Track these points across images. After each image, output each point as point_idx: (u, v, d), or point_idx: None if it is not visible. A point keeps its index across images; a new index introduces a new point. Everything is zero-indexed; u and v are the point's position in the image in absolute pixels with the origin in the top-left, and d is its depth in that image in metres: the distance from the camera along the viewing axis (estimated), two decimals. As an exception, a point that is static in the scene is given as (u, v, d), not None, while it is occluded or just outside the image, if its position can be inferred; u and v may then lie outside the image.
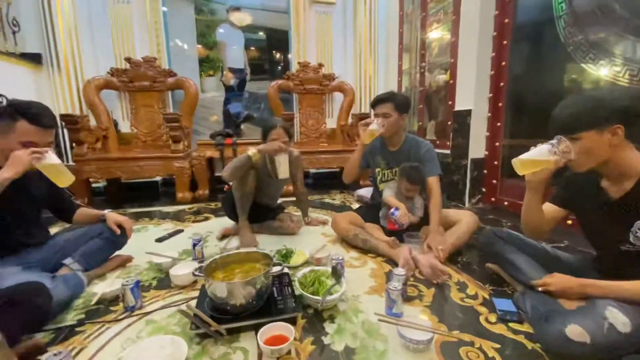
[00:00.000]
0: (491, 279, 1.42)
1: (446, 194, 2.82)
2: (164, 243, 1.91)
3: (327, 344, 1.00)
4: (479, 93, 2.49)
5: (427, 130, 3.36)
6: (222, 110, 3.69)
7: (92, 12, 3.20)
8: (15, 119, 1.15)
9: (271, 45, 3.76)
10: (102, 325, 1.11)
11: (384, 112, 1.75)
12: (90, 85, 3.04)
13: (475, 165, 2.60)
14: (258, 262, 1.22)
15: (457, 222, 1.75)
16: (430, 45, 3.17)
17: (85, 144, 2.76)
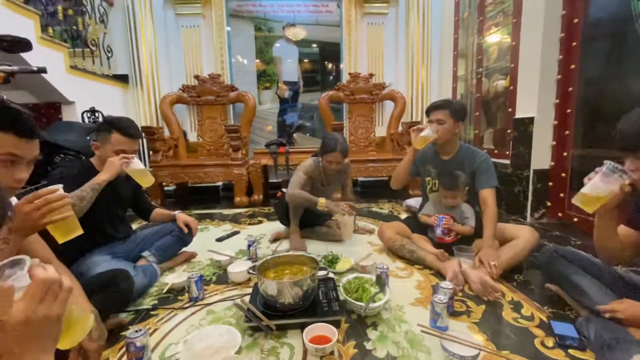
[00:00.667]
0: (551, 300, 1.31)
1: (504, 207, 2.65)
2: (223, 242, 2.10)
3: (369, 349, 1.03)
4: (544, 99, 2.31)
5: (484, 139, 3.19)
6: (276, 120, 3.92)
7: (168, 36, 3.66)
8: (110, 132, 1.41)
9: (323, 57, 3.91)
10: (171, 311, 1.27)
11: (438, 119, 1.71)
12: (165, 100, 3.47)
13: (539, 177, 2.40)
14: (305, 265, 1.30)
15: (514, 237, 1.63)
16: (488, 50, 3.02)
17: (160, 152, 3.15)
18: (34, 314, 0.41)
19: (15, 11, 2.27)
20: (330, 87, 3.80)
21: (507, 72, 2.72)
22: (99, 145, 1.43)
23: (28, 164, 0.79)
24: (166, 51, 3.67)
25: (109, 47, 3.45)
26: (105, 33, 3.43)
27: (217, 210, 3.05)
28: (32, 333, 0.41)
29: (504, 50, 2.80)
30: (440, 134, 1.71)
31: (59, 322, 0.44)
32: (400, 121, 3.66)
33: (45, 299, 0.42)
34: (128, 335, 0.94)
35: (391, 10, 3.77)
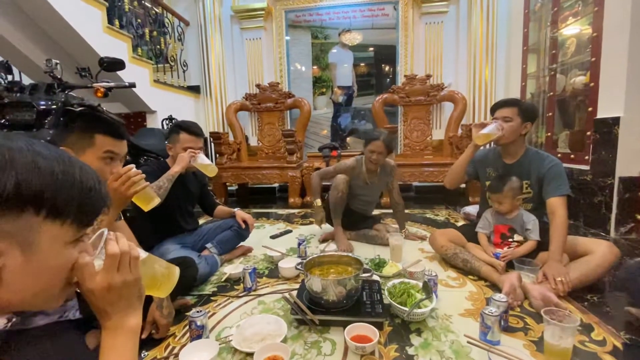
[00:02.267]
0: (630, 326, 1.15)
1: (582, 219, 2.35)
2: (276, 240, 2.23)
3: (411, 355, 1.02)
4: (632, 97, 2.01)
5: (558, 142, 2.86)
6: (330, 125, 4.00)
7: (234, 49, 4.00)
8: (179, 133, 1.64)
9: (378, 60, 3.89)
10: (228, 299, 1.41)
11: (504, 116, 1.59)
12: (230, 108, 3.79)
13: (626, 186, 2.08)
14: (350, 266, 1.33)
15: (588, 252, 1.45)
16: (564, 44, 2.71)
17: (225, 155, 3.45)
18: (113, 280, 0.51)
19: (112, 36, 2.71)
20: (384, 90, 3.77)
21: (587, 67, 2.41)
22: (171, 146, 1.66)
23: (121, 161, 1.02)
24: (232, 63, 4.01)
25: (184, 62, 3.90)
26: (182, 49, 3.89)
27: (272, 209, 3.23)
28: (117, 295, 0.52)
29: (583, 43, 2.50)
30: (505, 132, 1.57)
31: (137, 284, 0.54)
32: (460, 123, 3.46)
33: (120, 267, 0.51)
34: (191, 314, 1.07)
35: (451, 7, 3.61)
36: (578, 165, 2.44)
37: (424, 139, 3.66)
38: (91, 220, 0.49)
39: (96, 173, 0.51)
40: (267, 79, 3.89)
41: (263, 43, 3.90)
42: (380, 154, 1.92)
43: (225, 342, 1.09)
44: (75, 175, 0.46)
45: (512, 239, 1.62)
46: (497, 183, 1.61)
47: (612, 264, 1.38)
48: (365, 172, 2.03)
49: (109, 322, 0.52)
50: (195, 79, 4.02)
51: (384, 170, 2.09)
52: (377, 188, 2.14)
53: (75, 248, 0.48)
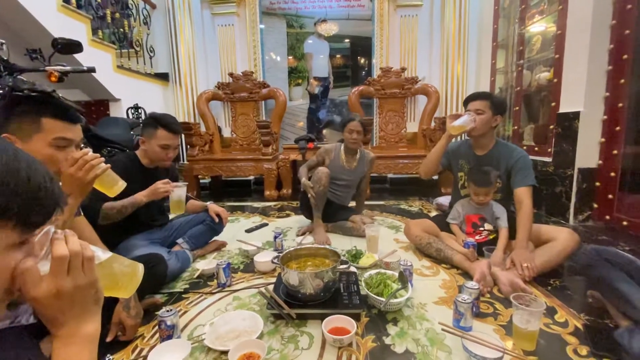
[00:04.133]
0: (589, 307, 1.23)
1: (545, 208, 2.48)
2: (252, 234, 2.18)
3: (388, 344, 1.03)
4: (592, 92, 2.13)
5: (524, 135, 3.00)
6: (306, 116, 3.96)
7: (205, 36, 3.82)
8: (156, 128, 1.53)
9: (354, 52, 3.87)
10: (201, 296, 1.35)
11: (477, 109, 1.63)
12: (201, 97, 3.63)
13: (584, 176, 2.22)
14: (327, 258, 1.32)
15: (551, 239, 1.53)
16: (530, 41, 2.83)
17: (196, 146, 3.32)
18: (63, 285, 0.44)
19: (69, 16, 2.49)
20: (360, 82, 3.77)
21: (551, 63, 2.53)
22: (145, 140, 1.54)
23: (77, 149, 0.94)
24: (203, 50, 3.84)
25: (151, 47, 3.68)
26: (149, 34, 3.66)
27: (248, 202, 3.16)
28: (69, 302, 0.46)
29: (548, 40, 2.61)
30: (477, 124, 1.62)
31: (93, 287, 0.48)
32: (433, 116, 3.54)
33: (71, 270, 0.45)
34: (160, 314, 1.02)
35: (425, 1, 3.65)
36: (542, 157, 2.57)
37: (398, 132, 3.71)
38: (40, 223, 0.43)
39: (47, 170, 0.45)
40: (240, 68, 3.77)
41: (236, 30, 3.76)
42: (358, 132, 2.01)
43: (197, 341, 1.05)
44: (20, 172, 0.40)
45: (482, 228, 1.69)
46: (482, 177, 1.64)
47: (573, 249, 1.47)
48: (344, 156, 2.12)
49: (61, 331, 0.46)
50: (163, 65, 3.81)
51: (363, 158, 2.15)
52: (354, 174, 2.16)
53: (19, 251, 0.43)
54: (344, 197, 2.23)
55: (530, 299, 1.03)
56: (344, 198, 2.23)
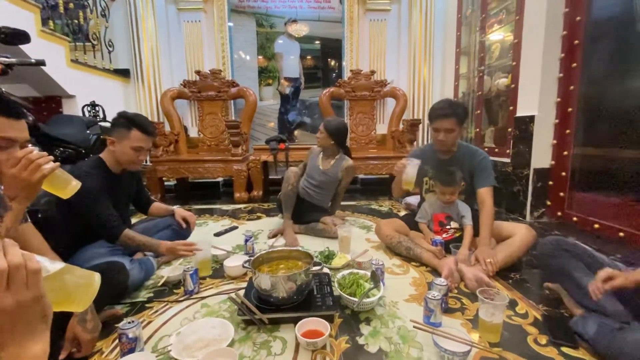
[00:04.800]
0: (546, 298, 1.31)
1: (504, 206, 2.63)
2: (221, 237, 2.11)
3: (361, 344, 1.03)
4: (545, 97, 2.30)
5: (485, 137, 3.17)
6: (277, 117, 3.91)
7: (170, 31, 3.66)
8: (129, 129, 1.42)
9: (325, 53, 3.89)
10: (166, 304, 1.28)
11: (447, 128, 1.65)
12: (166, 95, 3.47)
13: (539, 176, 2.38)
14: (300, 260, 1.30)
15: (511, 235, 1.63)
16: (490, 48, 2.99)
17: (160, 147, 3.16)
18: (2, 303, 0.40)
19: (14, 3, 2.27)
20: (331, 84, 3.79)
21: (509, 70, 2.70)
22: (115, 140, 1.43)
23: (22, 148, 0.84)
24: (168, 46, 3.67)
25: (110, 42, 3.46)
26: (107, 27, 3.43)
27: (216, 205, 3.06)
28: (9, 320, 0.40)
29: (506, 48, 2.78)
30: (448, 142, 1.68)
31: (38, 302, 0.43)
32: (402, 119, 3.64)
33: (11, 285, 0.40)
34: (120, 326, 0.95)
35: (394, 6, 3.75)
36: (501, 158, 2.72)
37: (368, 133, 3.77)
38: None
39: None
40: (208, 66, 3.64)
41: (203, 27, 3.63)
42: (320, 132, 2.12)
43: (163, 353, 0.98)
44: None
45: (449, 226, 1.75)
46: (448, 177, 1.70)
47: (531, 244, 1.57)
48: (321, 157, 2.22)
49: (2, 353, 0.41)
50: (123, 61, 3.59)
51: (339, 163, 2.17)
52: (327, 176, 2.17)
53: None
54: (318, 198, 2.22)
55: (494, 292, 1.08)
56: (317, 199, 2.22)
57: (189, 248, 1.47)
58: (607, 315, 1.00)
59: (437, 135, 1.69)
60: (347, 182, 2.25)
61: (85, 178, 1.10)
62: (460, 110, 1.67)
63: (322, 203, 2.25)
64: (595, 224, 2.05)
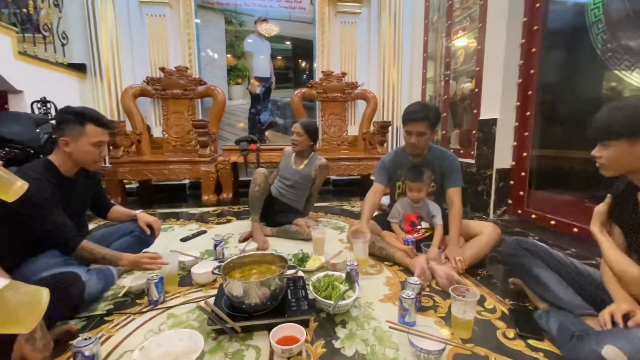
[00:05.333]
0: (512, 293, 1.37)
1: (470, 205, 2.75)
2: (188, 243, 2.01)
3: (337, 348, 1.01)
4: (506, 102, 2.43)
5: (451, 139, 3.30)
6: (247, 117, 3.82)
7: (131, 25, 3.45)
8: (83, 124, 1.28)
9: (296, 54, 3.86)
10: (128, 316, 1.18)
11: (419, 131, 1.66)
12: (127, 93, 3.27)
13: (501, 176, 2.52)
14: (274, 264, 1.26)
15: (478, 233, 1.69)
16: (456, 53, 3.13)
17: (121, 147, 2.96)
18: None
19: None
20: (303, 84, 3.77)
21: (473, 75, 2.83)
22: (68, 140, 1.28)
23: None
24: (129, 40, 3.46)
25: (64, 34, 3.19)
26: (60, 18, 3.17)
27: (183, 209, 2.92)
28: None
29: (470, 54, 2.91)
30: (420, 145, 1.70)
31: None
32: (372, 120, 3.70)
33: None
34: (75, 343, 0.86)
35: (364, 10, 3.81)
36: (466, 159, 2.84)
37: (340, 134, 3.79)
38: None
39: None
40: (173, 63, 3.48)
41: (168, 22, 3.47)
42: (298, 134, 2.08)
43: (124, 371, 0.91)
44: None
45: (420, 226, 1.79)
46: (415, 173, 1.73)
47: (496, 241, 1.64)
48: (294, 157, 2.20)
49: None
50: (79, 55, 3.33)
51: (312, 162, 2.16)
52: (300, 175, 2.15)
53: None
54: (292, 198, 2.20)
55: (465, 289, 1.11)
56: (291, 200, 2.19)
57: (155, 261, 1.34)
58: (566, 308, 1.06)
59: (410, 139, 1.71)
60: (320, 182, 2.23)
61: (33, 185, 0.98)
62: (433, 114, 1.68)
63: (296, 204, 2.22)
64: (552, 221, 2.19)
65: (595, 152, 0.97)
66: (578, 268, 1.18)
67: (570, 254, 1.37)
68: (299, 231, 2.03)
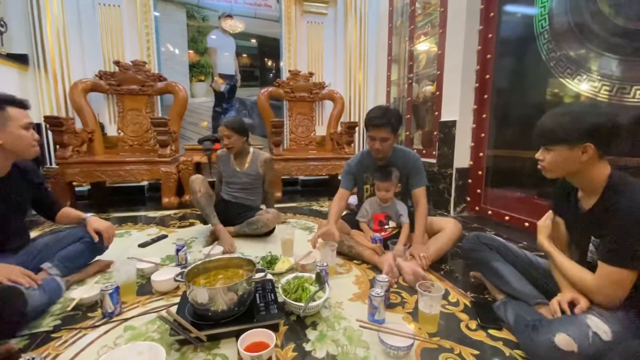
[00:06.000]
0: (473, 286, 1.44)
1: (432, 203, 2.87)
2: (148, 248, 1.89)
3: (308, 351, 1.00)
4: (464, 105, 2.56)
5: (414, 140, 3.42)
6: (211, 115, 3.68)
7: (81, 13, 3.18)
8: (3, 109, 1.16)
9: (262, 52, 3.79)
10: (79, 332, 1.08)
11: (382, 137, 1.68)
12: (77, 87, 3.01)
13: (460, 175, 2.65)
14: (241, 268, 1.22)
15: (441, 229, 1.76)
16: (418, 57, 3.25)
17: (69, 146, 2.72)
18: None
19: None
20: (269, 83, 3.71)
21: (434, 78, 2.95)
22: None
23: None
24: (78, 31, 3.18)
25: (2, 21, 2.86)
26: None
27: (141, 212, 2.74)
28: None
29: (431, 58, 3.03)
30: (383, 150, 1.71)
31: None
32: (340, 121, 3.73)
33: None
34: (14, 367, 0.76)
35: (330, 11, 3.83)
36: (428, 159, 2.96)
37: (308, 134, 3.78)
38: None
39: None
40: (129, 57, 3.26)
41: (124, 13, 3.23)
42: (227, 136, 1.99)
43: (74, 392, 0.82)
44: None
45: (388, 225, 1.83)
46: (382, 174, 1.76)
47: (458, 237, 1.71)
48: (233, 160, 2.13)
49: None
50: (19, 45, 3.00)
51: (255, 160, 2.12)
52: (247, 176, 2.11)
53: None
54: (248, 198, 2.16)
55: (431, 284, 1.14)
56: (248, 199, 2.16)
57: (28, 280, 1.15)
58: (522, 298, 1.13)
59: (373, 144, 1.70)
60: (270, 176, 2.22)
61: None
62: (395, 119, 1.69)
63: (253, 203, 2.19)
64: (506, 216, 2.35)
65: (539, 155, 1.03)
66: (531, 260, 1.27)
67: (523, 247, 1.47)
68: (259, 219, 1.98)
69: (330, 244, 1.57)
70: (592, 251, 0.98)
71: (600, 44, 1.76)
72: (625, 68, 1.67)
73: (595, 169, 0.94)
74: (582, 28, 1.84)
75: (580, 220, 1.02)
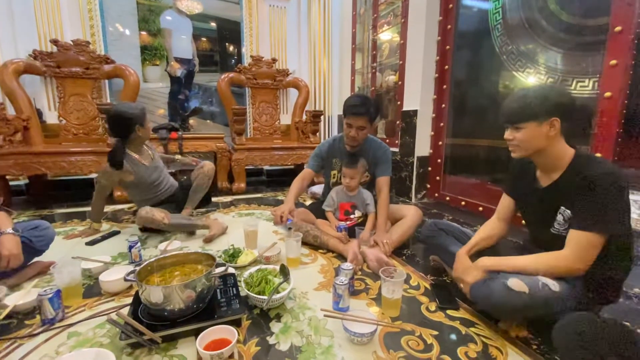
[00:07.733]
0: (432, 269, 1.50)
1: (395, 190, 2.94)
2: (97, 246, 1.74)
3: (272, 344, 0.98)
4: (425, 94, 2.63)
5: (377, 129, 3.46)
6: (167, 102, 3.45)
7: (8, -16, 2.79)
8: None
9: (222, 36, 3.60)
10: (13, 342, 0.97)
11: (359, 125, 1.69)
12: (7, 68, 2.65)
13: (421, 163, 2.74)
14: (200, 264, 1.16)
15: (403, 216, 1.81)
16: (381, 47, 3.26)
17: (0, 135, 2.41)
18: None
19: None
20: (230, 69, 3.54)
21: (397, 68, 2.99)
22: None
23: None
24: (7, 5, 2.79)
25: None
26: None
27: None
28: None
29: (394, 48, 3.06)
30: (359, 139, 1.74)
31: None
32: (305, 109, 3.67)
33: None
34: None
35: (293, -5, 3.71)
36: (391, 147, 3.00)
37: (272, 123, 3.69)
38: None
39: None
40: (69, 36, 2.93)
41: (60, -14, 2.89)
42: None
43: (6, 411, 0.73)
44: None
45: (353, 215, 1.84)
46: (349, 160, 1.77)
47: (419, 223, 1.77)
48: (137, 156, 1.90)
49: None
50: None
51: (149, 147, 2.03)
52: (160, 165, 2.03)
53: None
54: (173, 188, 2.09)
55: (393, 269, 1.17)
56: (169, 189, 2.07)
57: None
58: None
59: (350, 131, 1.73)
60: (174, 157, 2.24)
61: None
62: (374, 109, 1.71)
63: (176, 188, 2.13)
64: (462, 202, 2.47)
65: (508, 135, 1.05)
66: None
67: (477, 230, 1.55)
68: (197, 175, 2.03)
69: (295, 234, 1.55)
70: (560, 222, 1.01)
71: (547, 38, 1.87)
72: (568, 61, 1.79)
73: (559, 144, 1.00)
74: (532, 23, 1.94)
75: (540, 195, 1.07)
